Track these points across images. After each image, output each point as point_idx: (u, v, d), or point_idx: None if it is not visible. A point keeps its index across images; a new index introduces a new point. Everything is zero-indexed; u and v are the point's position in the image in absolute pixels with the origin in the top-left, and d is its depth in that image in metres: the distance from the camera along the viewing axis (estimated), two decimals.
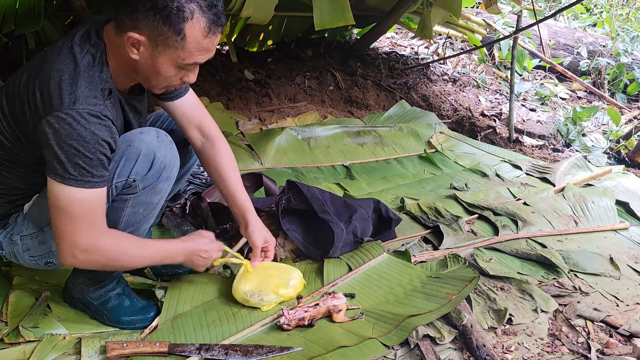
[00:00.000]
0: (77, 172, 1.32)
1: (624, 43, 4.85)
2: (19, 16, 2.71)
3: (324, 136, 3.14)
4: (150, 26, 1.32)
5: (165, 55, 1.36)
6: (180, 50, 1.35)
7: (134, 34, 1.33)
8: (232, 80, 3.69)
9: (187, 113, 1.72)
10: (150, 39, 1.34)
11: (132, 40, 1.34)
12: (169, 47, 1.35)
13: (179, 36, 1.33)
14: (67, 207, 1.35)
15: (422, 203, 2.44)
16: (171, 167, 1.52)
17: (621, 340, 1.72)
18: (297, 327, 1.64)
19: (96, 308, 1.66)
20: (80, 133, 1.30)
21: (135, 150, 1.44)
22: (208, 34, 1.35)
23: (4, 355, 1.49)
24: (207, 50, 1.39)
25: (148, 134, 1.48)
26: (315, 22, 2.91)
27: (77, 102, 1.30)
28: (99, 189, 1.37)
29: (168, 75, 1.41)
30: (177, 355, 1.52)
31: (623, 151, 3.49)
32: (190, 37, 1.34)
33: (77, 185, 1.33)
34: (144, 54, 1.36)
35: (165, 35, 1.33)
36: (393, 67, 4.26)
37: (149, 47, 1.35)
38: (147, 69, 1.40)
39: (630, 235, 2.36)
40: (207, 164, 1.77)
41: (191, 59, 1.38)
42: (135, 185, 1.47)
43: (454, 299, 1.72)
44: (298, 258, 2.02)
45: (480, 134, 3.60)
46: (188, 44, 1.35)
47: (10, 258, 1.60)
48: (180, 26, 1.32)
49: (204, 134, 1.74)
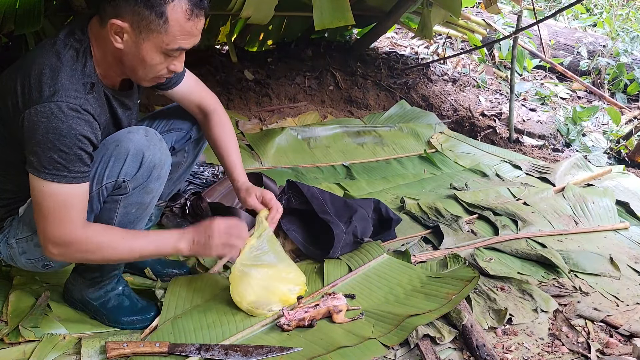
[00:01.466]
0: (52, 167, 1.31)
1: (624, 43, 4.85)
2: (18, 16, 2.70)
3: (324, 136, 3.14)
4: (131, 11, 1.31)
5: (149, 41, 1.34)
6: (163, 34, 1.33)
7: (116, 20, 1.32)
8: (232, 80, 3.69)
9: (187, 96, 1.74)
10: (132, 25, 1.32)
11: (115, 28, 1.33)
12: (152, 31, 1.33)
13: (161, 19, 1.31)
14: (41, 201, 1.34)
15: (422, 203, 2.44)
16: (161, 165, 1.50)
17: (621, 340, 1.72)
18: (297, 327, 1.64)
19: (96, 308, 1.66)
20: (57, 126, 1.28)
21: (124, 150, 1.43)
22: (191, 16, 1.34)
23: (4, 355, 1.50)
24: (191, 34, 1.37)
25: (136, 133, 1.46)
26: (315, 22, 2.91)
27: (56, 94, 1.29)
28: (77, 185, 1.35)
29: (154, 64, 1.39)
30: (177, 355, 1.52)
31: (623, 151, 3.49)
32: (173, 20, 1.32)
33: (52, 179, 1.31)
34: (128, 42, 1.35)
35: (147, 20, 1.31)
36: (393, 67, 4.26)
37: (132, 34, 1.34)
38: (132, 58, 1.38)
39: (630, 235, 2.36)
40: (208, 138, 1.80)
41: (175, 43, 1.36)
42: (125, 186, 1.45)
43: (454, 298, 1.72)
44: (298, 258, 2.02)
45: (480, 134, 3.60)
46: (171, 28, 1.33)
47: (8, 261, 1.59)
48: (162, 9, 1.31)
49: (203, 111, 1.77)
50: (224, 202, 2.18)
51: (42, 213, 1.35)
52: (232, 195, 2.23)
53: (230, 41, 3.97)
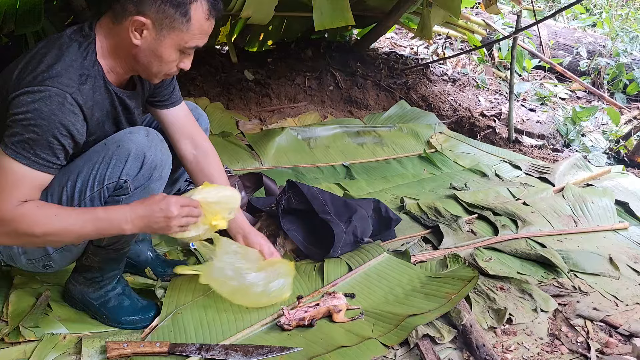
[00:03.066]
0: (19, 145, 1.28)
1: (624, 43, 4.86)
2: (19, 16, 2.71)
3: (324, 136, 3.15)
4: (156, 9, 1.34)
5: (170, 38, 1.38)
6: (184, 32, 1.38)
7: (139, 17, 1.34)
8: (232, 81, 3.69)
9: (180, 123, 1.72)
10: (155, 22, 1.36)
11: (136, 25, 1.35)
12: (174, 29, 1.37)
13: (184, 18, 1.36)
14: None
15: (421, 203, 2.44)
16: (162, 166, 1.50)
17: (621, 339, 1.72)
18: (297, 327, 1.64)
19: (96, 308, 1.66)
20: (39, 108, 1.27)
21: (125, 151, 1.43)
22: (209, 16, 1.40)
23: (5, 354, 1.50)
24: (206, 34, 1.43)
25: (137, 134, 1.46)
26: (315, 22, 2.92)
27: (48, 80, 1.29)
28: (37, 172, 1.31)
29: (170, 60, 1.42)
30: (178, 355, 1.52)
31: (622, 151, 3.49)
32: (195, 19, 1.37)
33: (14, 157, 1.28)
34: (147, 38, 1.38)
35: (171, 18, 1.36)
36: (393, 67, 4.27)
37: (153, 30, 1.37)
38: (149, 54, 1.40)
39: (630, 235, 2.36)
40: (199, 174, 1.74)
41: (193, 41, 1.41)
42: (127, 187, 1.45)
43: (454, 298, 1.72)
44: (298, 258, 2.02)
45: (479, 134, 3.60)
46: (192, 26, 1.38)
47: (8, 261, 1.59)
48: (187, 8, 1.36)
49: (196, 146, 1.74)
50: None
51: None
52: None
53: (230, 41, 3.97)
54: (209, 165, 1.75)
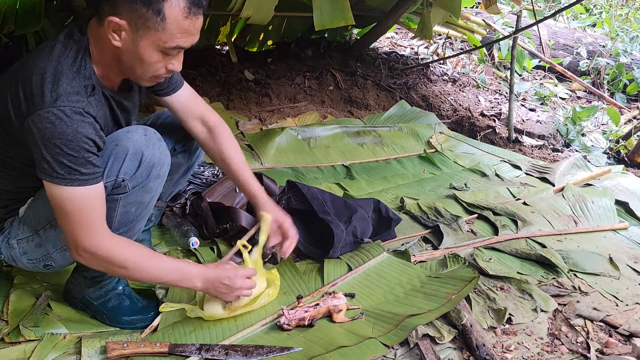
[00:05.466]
0: (64, 171, 1.31)
1: (624, 43, 4.86)
2: (19, 16, 2.71)
3: (324, 136, 3.15)
4: (129, 9, 1.30)
5: (147, 38, 1.33)
6: (161, 32, 1.33)
7: (114, 18, 1.31)
8: (232, 81, 3.69)
9: (186, 106, 1.72)
10: (130, 23, 1.32)
11: (112, 26, 1.32)
12: (149, 29, 1.32)
13: (158, 17, 1.31)
14: (62, 206, 1.35)
15: (421, 203, 2.44)
16: (160, 165, 1.50)
17: (621, 339, 1.72)
18: (297, 327, 1.65)
19: (96, 308, 1.66)
20: (63, 131, 1.29)
21: (123, 150, 1.43)
22: (188, 14, 1.33)
23: (5, 354, 1.50)
24: (188, 33, 1.36)
25: (135, 133, 1.46)
26: (315, 22, 2.92)
27: (59, 99, 1.29)
28: (92, 186, 1.35)
29: (152, 62, 1.38)
30: (178, 355, 1.52)
31: (622, 151, 3.49)
32: (170, 17, 1.31)
33: (66, 184, 1.32)
34: (126, 40, 1.34)
35: (144, 17, 1.31)
36: (393, 67, 4.26)
37: (130, 31, 1.33)
38: (130, 57, 1.37)
39: (630, 235, 2.36)
40: (213, 154, 1.78)
41: (173, 41, 1.35)
42: (125, 185, 1.45)
43: (454, 298, 1.72)
44: (298, 258, 2.02)
45: (479, 134, 3.60)
46: (168, 25, 1.32)
47: (9, 262, 1.60)
48: (159, 6, 1.30)
49: (206, 125, 1.75)
50: (223, 202, 2.18)
51: (65, 219, 1.37)
52: (232, 195, 2.23)
53: (230, 41, 3.97)
54: (221, 144, 1.76)
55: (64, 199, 1.34)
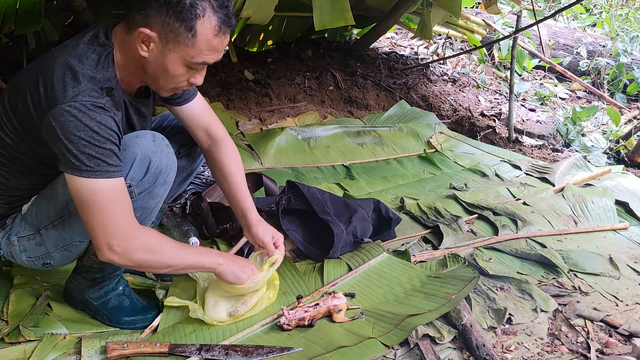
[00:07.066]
0: (93, 163, 1.31)
1: (624, 43, 4.86)
2: (19, 16, 2.71)
3: (324, 136, 3.15)
4: (162, 22, 1.32)
5: (175, 52, 1.36)
6: (190, 47, 1.35)
7: (145, 29, 1.33)
8: (232, 81, 3.69)
9: (195, 117, 1.72)
10: (161, 35, 1.34)
11: (142, 37, 1.34)
12: (179, 43, 1.35)
13: (189, 33, 1.33)
14: (92, 200, 1.33)
15: (421, 203, 2.44)
16: (167, 171, 1.50)
17: (621, 339, 1.72)
18: (297, 327, 1.64)
19: (96, 308, 1.66)
20: (87, 124, 1.29)
21: (131, 155, 1.43)
22: (218, 33, 1.36)
23: (5, 354, 1.50)
24: (216, 50, 1.39)
25: (144, 138, 1.46)
26: (315, 22, 2.92)
27: (80, 94, 1.30)
28: (118, 178, 1.35)
29: (176, 74, 1.40)
30: (178, 355, 1.52)
31: (622, 151, 3.49)
32: (201, 34, 1.34)
33: (96, 176, 1.31)
34: (154, 51, 1.36)
35: (176, 32, 1.33)
36: (393, 67, 4.27)
37: (159, 43, 1.35)
38: (155, 68, 1.39)
39: (630, 235, 2.36)
40: (213, 165, 1.77)
41: (200, 57, 1.38)
42: (131, 191, 1.44)
43: (454, 298, 1.72)
44: (298, 258, 2.02)
45: (479, 134, 3.60)
46: (198, 42, 1.35)
47: (8, 258, 1.60)
48: (192, 23, 1.32)
49: (211, 137, 1.74)
50: (223, 202, 2.18)
51: (96, 212, 1.34)
52: None
53: (230, 41, 3.97)
54: (222, 156, 1.74)
55: (94, 191, 1.32)
